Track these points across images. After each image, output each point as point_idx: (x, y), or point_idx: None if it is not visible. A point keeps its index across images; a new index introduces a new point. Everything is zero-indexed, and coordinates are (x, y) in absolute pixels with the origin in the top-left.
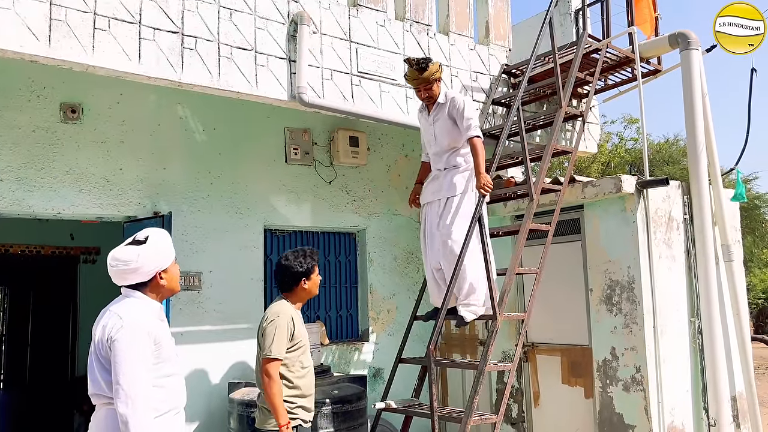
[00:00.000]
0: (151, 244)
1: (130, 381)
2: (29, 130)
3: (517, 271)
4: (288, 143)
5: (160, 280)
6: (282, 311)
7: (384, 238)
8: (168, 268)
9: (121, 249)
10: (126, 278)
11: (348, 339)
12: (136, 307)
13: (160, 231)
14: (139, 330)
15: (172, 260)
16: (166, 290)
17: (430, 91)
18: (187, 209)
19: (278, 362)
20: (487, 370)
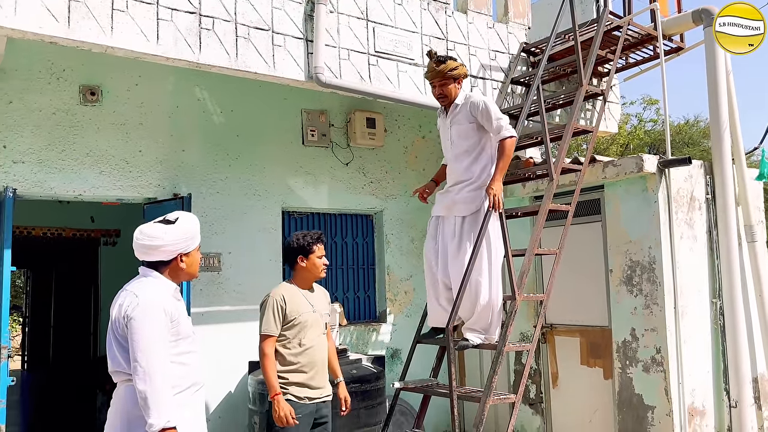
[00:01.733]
0: (178, 225)
1: (148, 357)
2: (50, 113)
3: (536, 252)
4: (305, 125)
5: (180, 263)
6: (273, 291)
7: (401, 220)
8: (190, 253)
9: (150, 225)
10: (148, 254)
11: (366, 320)
12: (152, 286)
13: (191, 216)
14: (155, 307)
15: (195, 246)
16: (185, 274)
17: (444, 89)
18: (206, 191)
19: (270, 338)
20: (506, 351)
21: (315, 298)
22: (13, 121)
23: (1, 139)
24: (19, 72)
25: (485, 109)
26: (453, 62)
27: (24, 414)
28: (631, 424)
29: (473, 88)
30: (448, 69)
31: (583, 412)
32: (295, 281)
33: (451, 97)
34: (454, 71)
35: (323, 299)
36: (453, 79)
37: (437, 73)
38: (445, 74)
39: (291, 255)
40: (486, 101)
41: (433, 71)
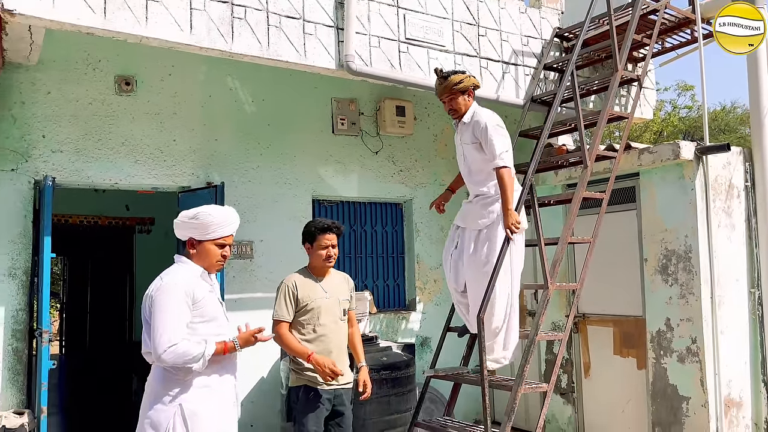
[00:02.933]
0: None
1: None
2: (86, 103)
3: (569, 240)
4: (335, 113)
5: (191, 248)
6: (286, 278)
7: None
8: (203, 243)
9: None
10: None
11: (395, 308)
12: (177, 270)
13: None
14: (175, 288)
15: (209, 238)
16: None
17: (453, 103)
18: (238, 180)
19: (283, 324)
20: (538, 340)
21: (330, 284)
22: (51, 111)
23: (40, 128)
24: (57, 63)
25: (484, 131)
26: (458, 75)
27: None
28: (664, 414)
29: (505, 74)
30: (453, 83)
31: (615, 402)
32: (309, 267)
33: (461, 111)
34: (460, 84)
35: (342, 285)
36: (461, 93)
37: (444, 88)
38: (452, 88)
39: (303, 240)
40: (489, 123)
41: (439, 87)
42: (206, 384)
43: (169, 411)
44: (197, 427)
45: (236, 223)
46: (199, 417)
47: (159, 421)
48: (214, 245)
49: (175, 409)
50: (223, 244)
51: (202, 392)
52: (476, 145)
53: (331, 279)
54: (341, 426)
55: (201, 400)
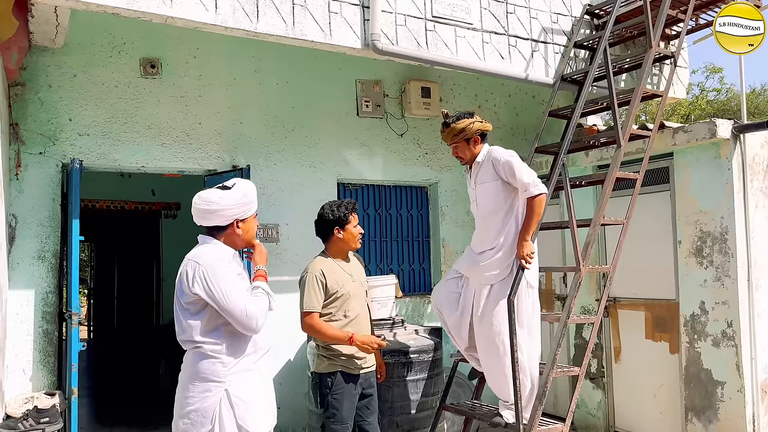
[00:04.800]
0: (235, 191)
1: (235, 302)
2: (112, 86)
3: (602, 222)
4: (359, 95)
5: (237, 229)
6: (311, 266)
7: (456, 191)
8: (247, 219)
9: (208, 190)
10: (205, 218)
11: (421, 292)
12: (210, 250)
13: (248, 183)
14: (219, 264)
15: (252, 213)
16: (241, 241)
17: (458, 151)
18: (263, 162)
19: (314, 315)
20: (570, 323)
21: (352, 267)
22: (77, 94)
23: (67, 112)
24: (82, 46)
25: (507, 164)
26: (462, 122)
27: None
28: (698, 399)
29: (534, 53)
30: (456, 131)
31: (647, 387)
32: (330, 253)
33: (467, 157)
34: (463, 133)
35: (360, 268)
36: (465, 140)
37: (449, 134)
38: (456, 135)
39: (326, 227)
40: (508, 156)
41: (443, 132)
42: (248, 367)
43: (214, 397)
44: (244, 413)
45: None
46: (246, 402)
47: (205, 408)
48: (254, 216)
49: (221, 395)
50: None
51: (246, 376)
52: (497, 183)
53: (351, 262)
54: (369, 408)
55: (246, 384)
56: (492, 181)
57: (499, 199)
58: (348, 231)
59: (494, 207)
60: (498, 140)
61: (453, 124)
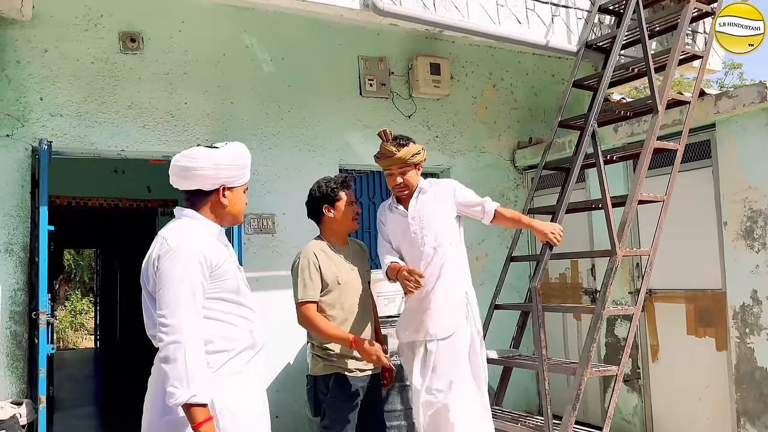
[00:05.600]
0: (226, 151)
1: (173, 313)
2: (88, 62)
3: (639, 199)
4: (362, 73)
5: (222, 198)
6: (305, 251)
7: (470, 178)
8: (235, 189)
9: (193, 148)
10: (186, 177)
11: None
12: (188, 228)
13: (241, 145)
14: (189, 254)
15: (243, 182)
16: (227, 215)
17: (405, 177)
18: (257, 146)
19: (310, 306)
20: (606, 315)
21: (352, 254)
22: (49, 71)
23: (37, 90)
24: (54, 18)
25: (458, 187)
26: (415, 146)
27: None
28: (752, 402)
29: (554, 18)
30: (410, 155)
31: (690, 389)
32: (325, 236)
33: (412, 187)
34: (417, 156)
35: (361, 255)
36: (414, 165)
37: (398, 159)
38: (406, 161)
39: (315, 206)
40: (453, 181)
41: (391, 157)
42: (240, 369)
43: None
44: (232, 426)
45: None
46: (234, 413)
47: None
48: (243, 190)
49: None
50: (247, 187)
51: (235, 381)
52: (448, 208)
53: (351, 248)
54: (375, 413)
55: (234, 390)
56: (440, 204)
57: (451, 226)
58: (338, 209)
59: (442, 239)
60: (516, 122)
61: (410, 145)
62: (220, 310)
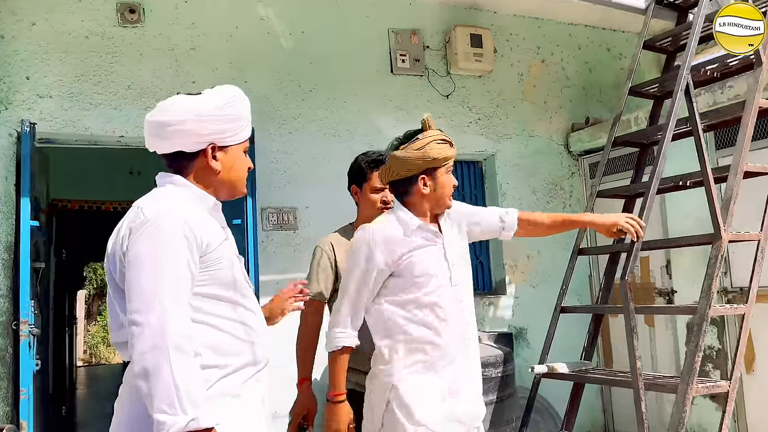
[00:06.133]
0: (209, 98)
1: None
2: (81, 36)
3: (745, 169)
4: (393, 48)
5: (212, 161)
6: (320, 241)
7: (518, 165)
8: (230, 148)
9: (169, 98)
10: (160, 136)
11: (480, 292)
12: (171, 196)
13: (233, 88)
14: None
15: (240, 139)
16: (223, 183)
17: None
18: (275, 131)
19: (317, 304)
20: (712, 315)
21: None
22: (37, 47)
23: (24, 68)
24: None
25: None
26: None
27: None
28: None
29: None
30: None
31: None
32: (356, 225)
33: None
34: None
35: None
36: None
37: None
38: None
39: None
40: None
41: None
42: (237, 391)
43: None
44: None
45: None
46: None
47: None
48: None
49: None
50: (247, 147)
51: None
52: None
53: None
54: None
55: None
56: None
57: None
58: (364, 192)
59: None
60: (568, 102)
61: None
62: (210, 312)
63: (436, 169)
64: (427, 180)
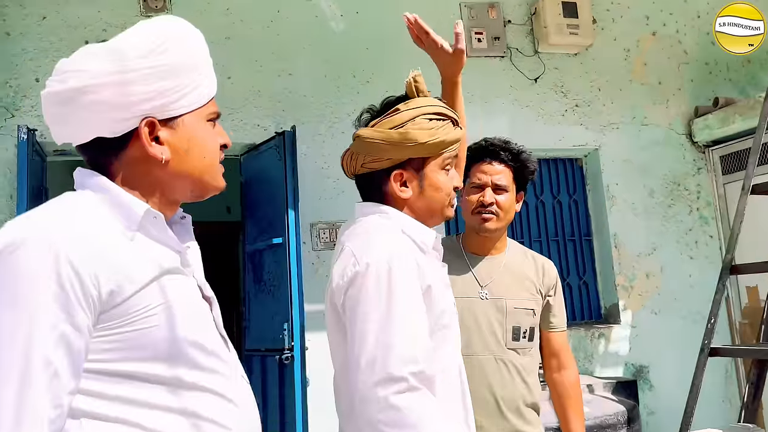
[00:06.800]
0: (130, 40)
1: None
2: (98, 30)
3: None
4: (467, 26)
5: (151, 146)
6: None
7: (629, 161)
8: (181, 119)
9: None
10: (67, 120)
11: (584, 320)
12: (67, 209)
13: (176, 20)
14: (35, 260)
15: (196, 101)
16: (176, 178)
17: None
18: (325, 131)
19: None
20: None
21: (496, 269)
22: (48, 44)
23: (33, 69)
24: None
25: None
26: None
27: None
28: None
29: None
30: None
31: None
32: (464, 234)
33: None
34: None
35: (526, 271)
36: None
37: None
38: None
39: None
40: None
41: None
42: None
43: None
44: None
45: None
46: None
47: None
48: (207, 120)
49: None
50: (215, 113)
51: None
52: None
53: (499, 261)
54: None
55: None
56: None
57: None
58: (466, 191)
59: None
60: (688, 81)
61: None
62: (129, 401)
63: (426, 161)
64: (408, 177)
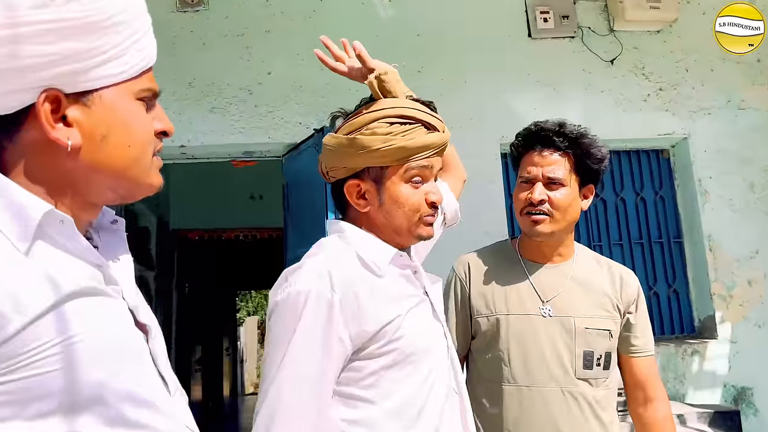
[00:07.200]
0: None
1: None
2: None
3: None
4: (531, 5)
5: (53, 129)
6: (457, 260)
7: (724, 150)
8: (98, 94)
9: None
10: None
11: (674, 335)
12: None
13: None
14: None
15: (120, 71)
16: (91, 171)
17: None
18: None
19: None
20: None
21: (560, 282)
22: None
23: None
24: None
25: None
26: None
27: None
28: None
29: None
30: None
31: None
32: (517, 240)
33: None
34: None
35: (602, 286)
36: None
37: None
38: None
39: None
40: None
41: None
42: None
43: None
44: None
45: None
46: None
47: None
48: (138, 98)
49: None
50: (151, 90)
51: None
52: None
53: (565, 271)
54: None
55: None
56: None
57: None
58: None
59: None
60: None
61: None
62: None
63: (384, 171)
64: (366, 188)
